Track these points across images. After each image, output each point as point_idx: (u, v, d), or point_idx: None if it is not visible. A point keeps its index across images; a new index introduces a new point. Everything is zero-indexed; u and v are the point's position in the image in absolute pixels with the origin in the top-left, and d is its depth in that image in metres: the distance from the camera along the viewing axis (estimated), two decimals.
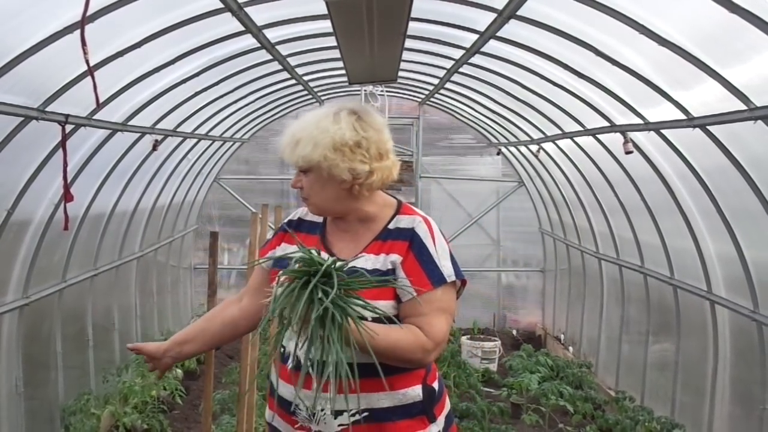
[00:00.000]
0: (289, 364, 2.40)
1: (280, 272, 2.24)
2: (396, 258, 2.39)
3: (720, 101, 4.23)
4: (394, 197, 2.61)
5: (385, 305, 2.32)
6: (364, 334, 2.12)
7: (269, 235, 2.77)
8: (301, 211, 2.68)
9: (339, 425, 2.37)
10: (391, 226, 2.50)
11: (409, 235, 2.44)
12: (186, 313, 10.98)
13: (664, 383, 6.87)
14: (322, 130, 2.40)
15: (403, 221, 2.50)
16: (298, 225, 2.63)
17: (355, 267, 2.27)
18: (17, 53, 3.77)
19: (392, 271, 2.38)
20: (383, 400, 2.37)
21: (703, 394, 6.00)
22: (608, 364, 8.43)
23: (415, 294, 2.32)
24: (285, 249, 2.54)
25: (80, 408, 6.29)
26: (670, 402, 6.61)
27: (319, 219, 2.62)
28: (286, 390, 2.44)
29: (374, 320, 2.22)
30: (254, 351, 4.50)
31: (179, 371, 8.43)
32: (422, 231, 2.45)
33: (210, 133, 8.74)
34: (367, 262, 2.39)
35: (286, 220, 2.69)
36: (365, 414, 2.37)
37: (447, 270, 2.40)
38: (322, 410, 2.37)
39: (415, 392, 2.43)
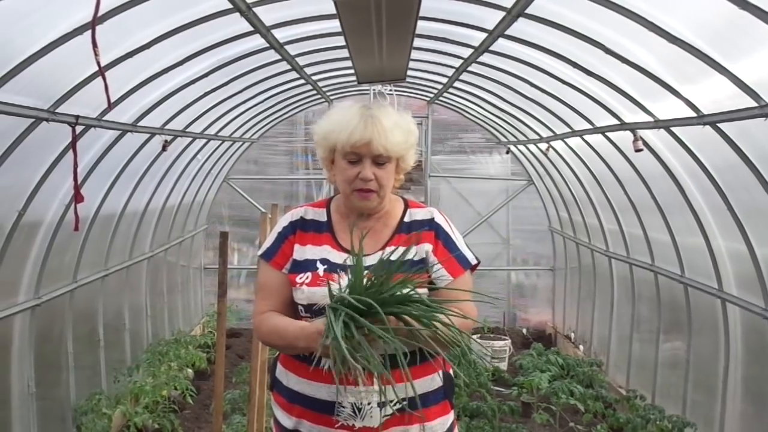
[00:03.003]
0: (327, 364, 2.36)
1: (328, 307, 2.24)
2: (428, 247, 2.51)
3: (730, 98, 4.21)
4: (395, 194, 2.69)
5: (423, 292, 2.42)
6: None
7: (270, 238, 2.66)
8: (301, 211, 2.66)
9: (383, 416, 2.40)
10: (406, 219, 2.58)
11: (432, 225, 2.58)
12: (196, 313, 11.01)
13: (675, 382, 6.85)
14: (408, 123, 2.54)
15: (418, 213, 2.61)
16: (303, 225, 2.61)
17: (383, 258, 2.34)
18: (27, 55, 3.78)
19: (423, 260, 2.50)
20: (417, 387, 2.41)
21: (715, 393, 5.97)
22: (619, 362, 8.41)
23: (451, 278, 2.50)
24: (304, 252, 2.53)
25: (92, 408, 6.32)
26: (681, 400, 6.59)
27: (322, 218, 2.61)
28: (323, 391, 2.42)
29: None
30: (264, 351, 4.51)
31: (190, 371, 8.45)
32: (441, 220, 2.61)
33: (219, 134, 8.76)
34: (397, 254, 2.44)
35: (287, 223, 2.63)
36: (404, 403, 2.41)
37: (469, 254, 2.59)
38: (368, 404, 2.38)
39: (438, 378, 2.53)
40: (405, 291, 2.23)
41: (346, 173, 2.47)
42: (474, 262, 2.59)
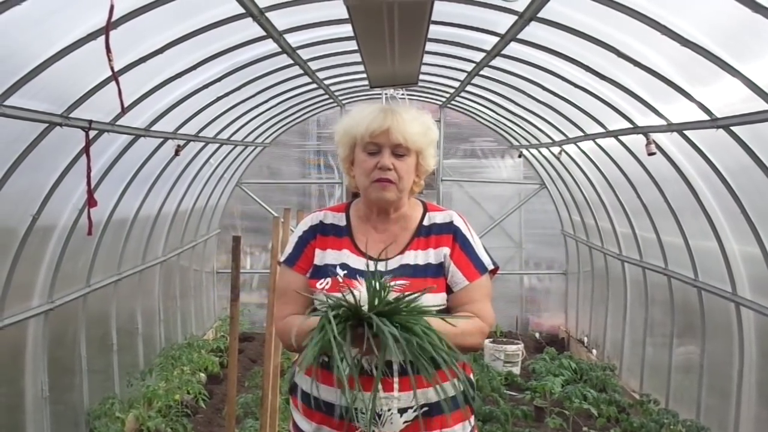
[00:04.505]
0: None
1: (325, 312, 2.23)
2: (446, 250, 2.52)
3: (743, 101, 4.20)
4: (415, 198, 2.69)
5: (442, 297, 2.47)
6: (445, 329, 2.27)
7: (291, 243, 2.66)
8: (320, 215, 2.66)
9: (404, 422, 2.40)
10: (425, 222, 2.59)
11: (450, 229, 2.58)
12: (209, 317, 11.03)
13: (689, 386, 6.81)
14: (427, 119, 2.57)
15: (437, 217, 2.62)
16: (323, 229, 2.61)
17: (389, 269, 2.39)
18: (41, 60, 3.81)
19: (441, 264, 2.51)
20: (436, 392, 2.41)
21: (729, 397, 5.94)
22: (632, 366, 8.37)
23: (467, 283, 2.50)
24: (324, 257, 2.53)
25: (105, 412, 6.34)
26: (695, 405, 6.55)
27: (342, 222, 2.61)
28: (342, 397, 2.41)
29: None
30: (277, 355, 4.52)
31: (203, 375, 8.47)
32: (461, 224, 2.61)
33: (232, 138, 8.78)
34: (417, 257, 2.50)
35: (307, 227, 2.63)
36: (425, 409, 2.42)
37: (486, 258, 2.58)
38: (388, 410, 2.38)
39: (458, 383, 2.48)
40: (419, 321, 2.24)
41: (365, 165, 2.49)
42: (491, 267, 2.58)
